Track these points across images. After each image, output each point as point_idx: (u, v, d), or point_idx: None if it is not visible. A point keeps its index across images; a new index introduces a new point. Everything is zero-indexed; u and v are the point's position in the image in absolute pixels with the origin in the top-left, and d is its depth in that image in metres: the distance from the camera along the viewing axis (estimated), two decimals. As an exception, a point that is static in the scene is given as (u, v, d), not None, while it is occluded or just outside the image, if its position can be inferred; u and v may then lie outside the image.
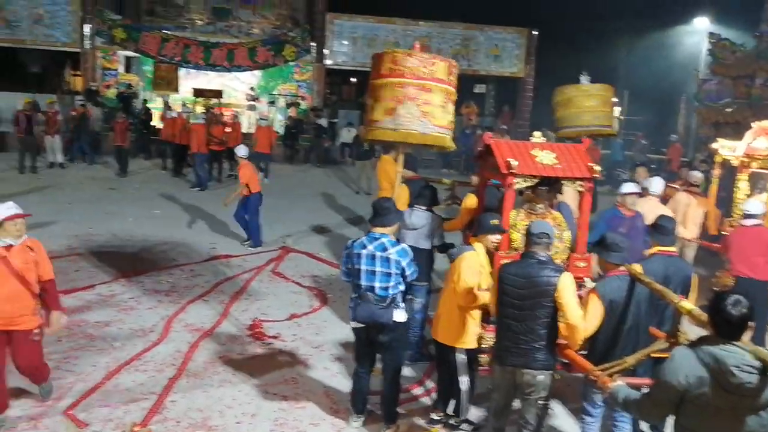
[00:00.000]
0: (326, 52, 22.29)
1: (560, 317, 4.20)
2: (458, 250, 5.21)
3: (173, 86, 21.58)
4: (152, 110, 19.38)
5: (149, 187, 15.12)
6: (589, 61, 17.94)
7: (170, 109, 18.07)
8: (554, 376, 4.36)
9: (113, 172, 16.35)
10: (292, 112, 20.60)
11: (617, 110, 19.41)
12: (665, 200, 8.28)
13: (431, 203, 6.45)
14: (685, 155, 18.55)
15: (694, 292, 4.99)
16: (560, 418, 5.51)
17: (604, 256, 4.49)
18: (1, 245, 4.70)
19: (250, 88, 22.37)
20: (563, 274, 4.20)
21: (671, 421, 3.21)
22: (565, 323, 4.20)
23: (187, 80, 21.96)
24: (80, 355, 6.15)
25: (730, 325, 2.95)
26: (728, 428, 2.99)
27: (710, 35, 19.11)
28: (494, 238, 5.03)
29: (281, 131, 19.82)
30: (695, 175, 8.96)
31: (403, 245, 5.02)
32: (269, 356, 6.46)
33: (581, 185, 5.34)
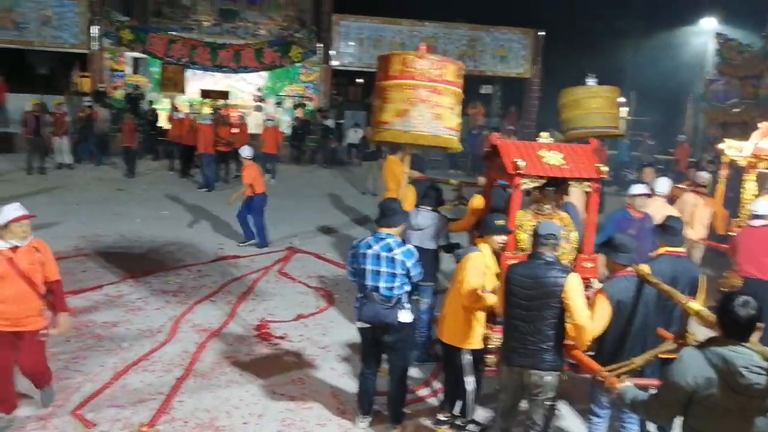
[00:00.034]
0: (333, 53, 22.29)
1: (567, 318, 4.20)
2: (464, 250, 5.22)
3: (180, 87, 21.62)
4: (159, 111, 19.43)
5: (157, 187, 15.16)
6: (595, 61, 17.95)
7: (177, 110, 18.11)
8: (562, 376, 4.36)
9: (121, 173, 16.40)
10: (298, 113, 20.63)
11: (624, 111, 19.36)
12: (672, 201, 8.26)
13: (437, 204, 6.46)
14: (692, 156, 18.48)
15: (701, 292, 4.98)
16: (567, 418, 5.50)
17: (611, 256, 4.49)
18: (7, 246, 4.70)
19: (256, 89, 22.38)
20: (570, 274, 4.20)
21: (679, 422, 3.21)
22: (572, 324, 4.19)
23: (194, 81, 22.00)
24: (88, 355, 6.18)
25: (738, 326, 2.94)
26: (737, 429, 2.98)
27: (717, 35, 19.08)
28: (500, 238, 5.02)
29: (288, 132, 19.84)
30: (702, 175, 8.91)
31: (408, 246, 5.02)
32: (276, 357, 6.48)
33: (588, 186, 5.34)
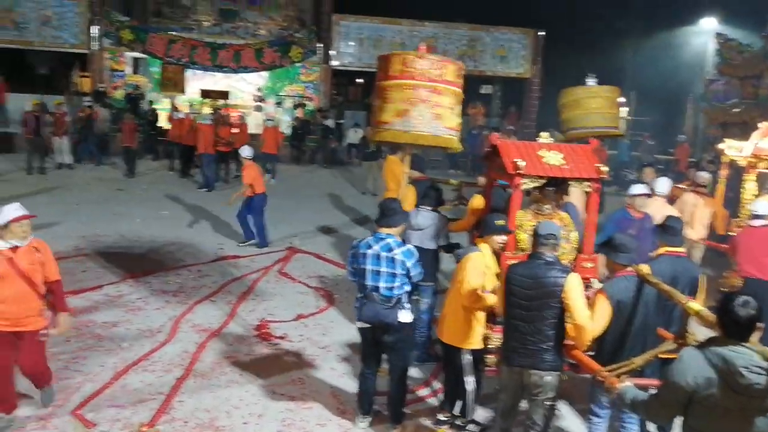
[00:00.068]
0: (333, 53, 22.29)
1: (568, 318, 4.20)
2: (464, 250, 5.23)
3: (180, 87, 21.61)
4: (159, 111, 19.44)
5: (157, 187, 15.16)
6: (595, 61, 17.94)
7: (177, 110, 18.11)
8: (562, 376, 4.36)
9: (121, 173, 16.40)
10: (298, 113, 20.63)
11: (624, 111, 19.34)
12: (672, 201, 8.26)
13: (437, 204, 6.47)
14: (692, 156, 18.48)
15: (701, 292, 4.98)
16: (567, 419, 5.50)
17: (611, 256, 4.49)
18: (7, 247, 4.69)
19: (256, 89, 22.38)
20: (570, 274, 4.20)
21: (679, 422, 3.21)
22: (572, 324, 4.19)
23: (193, 81, 22.00)
24: (88, 355, 6.18)
25: (738, 326, 2.94)
26: (737, 429, 2.98)
27: (717, 35, 19.08)
28: (500, 238, 5.02)
29: (288, 132, 19.85)
30: (702, 175, 8.91)
31: (408, 246, 5.02)
32: (276, 357, 6.48)
33: (588, 186, 5.34)
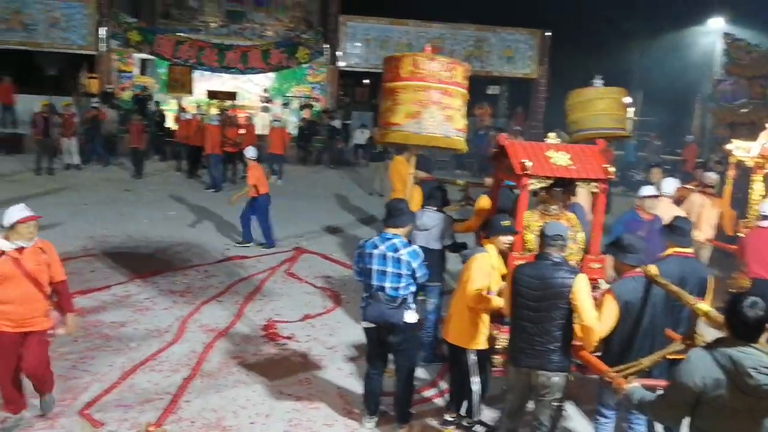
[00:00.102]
0: (339, 53, 22.29)
1: (575, 319, 4.19)
2: (470, 251, 5.22)
3: (187, 88, 21.65)
4: (166, 112, 19.49)
5: (164, 188, 15.21)
6: (602, 62, 17.85)
7: (184, 111, 18.16)
8: (569, 377, 4.35)
9: (128, 173, 16.46)
10: (305, 113, 20.63)
11: (630, 111, 19.28)
12: (680, 201, 8.23)
13: (442, 204, 6.47)
14: (700, 156, 18.40)
15: (709, 293, 4.96)
16: (574, 419, 5.49)
17: (619, 257, 4.47)
18: (12, 247, 4.69)
19: (263, 90, 22.38)
20: (578, 275, 4.19)
21: (687, 423, 3.20)
22: (579, 325, 4.18)
23: (201, 82, 22.02)
24: (96, 355, 6.21)
25: (746, 326, 2.93)
26: (745, 430, 2.98)
27: (725, 35, 18.98)
28: (506, 239, 5.02)
29: (295, 133, 19.87)
30: (710, 176, 8.88)
31: (414, 247, 5.02)
32: (283, 357, 6.49)
33: (595, 186, 5.33)
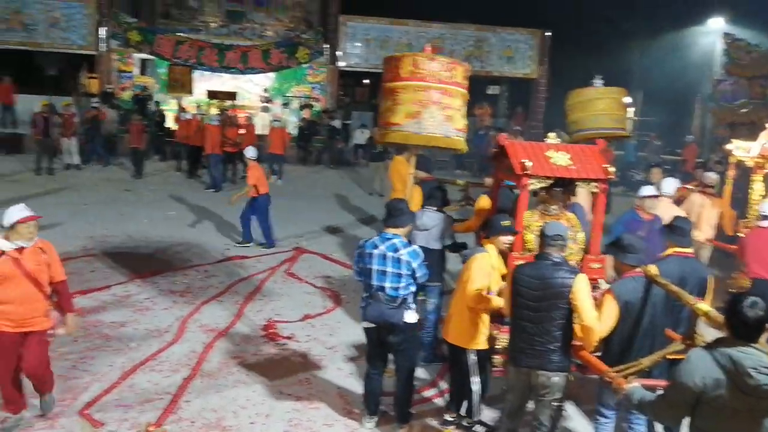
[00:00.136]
0: (339, 53, 22.30)
1: (575, 319, 4.19)
2: (470, 251, 5.22)
3: (187, 88, 21.64)
4: (166, 112, 19.49)
5: (164, 188, 15.21)
6: (602, 61, 17.84)
7: (184, 111, 18.16)
8: (569, 377, 4.35)
9: (128, 173, 16.46)
10: (305, 113, 20.63)
11: (630, 111, 19.28)
12: (680, 201, 8.22)
13: (442, 204, 6.47)
14: (700, 156, 18.40)
15: (709, 293, 4.96)
16: (574, 419, 5.49)
17: (620, 257, 4.47)
18: (12, 248, 4.68)
19: (263, 90, 22.39)
20: (578, 275, 4.19)
21: (687, 422, 3.20)
22: (580, 325, 4.18)
23: (201, 82, 22.01)
24: (96, 355, 6.21)
25: (746, 326, 2.93)
26: (745, 430, 2.98)
27: (725, 35, 18.98)
28: (506, 239, 5.02)
29: (295, 133, 19.87)
30: (710, 176, 8.88)
31: (414, 247, 5.02)
32: (283, 357, 6.49)
33: (595, 186, 5.33)
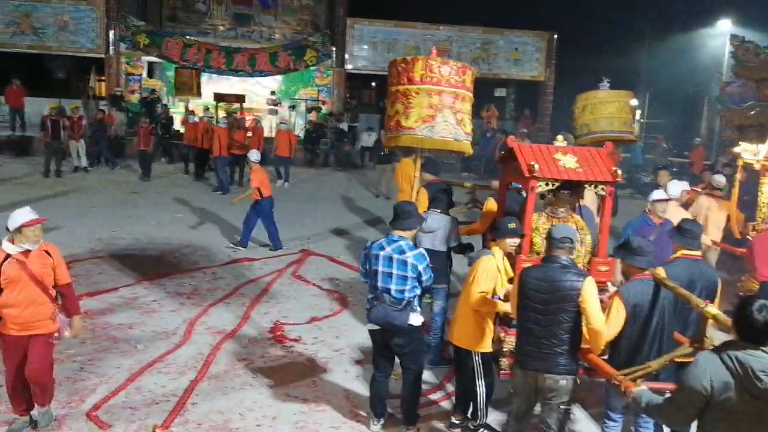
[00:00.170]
0: (347, 56, 22.35)
1: (584, 322, 4.17)
2: (477, 254, 5.21)
3: (195, 91, 21.73)
4: (174, 114, 19.56)
5: (171, 190, 15.26)
6: (609, 64, 17.81)
7: (192, 113, 18.22)
8: (576, 380, 4.33)
9: (136, 176, 16.53)
10: (312, 116, 20.68)
11: (637, 114, 19.24)
12: (688, 204, 8.19)
13: (447, 206, 6.47)
14: (708, 158, 18.33)
15: (717, 296, 4.93)
16: (582, 423, 5.46)
17: (628, 260, 4.45)
18: (18, 251, 4.68)
19: (271, 92, 22.45)
20: (587, 278, 4.17)
21: (695, 426, 3.18)
22: (587, 328, 4.17)
23: (208, 85, 22.08)
24: (103, 357, 6.22)
25: (755, 330, 2.92)
26: (753, 434, 2.95)
27: (732, 38, 18.91)
28: (512, 241, 5.02)
29: (302, 135, 19.91)
30: (718, 178, 8.86)
31: (420, 250, 5.01)
32: (290, 359, 6.49)
33: (602, 189, 5.32)
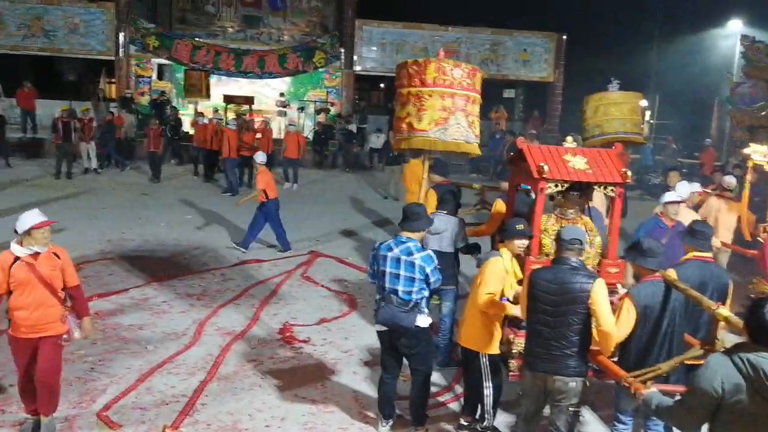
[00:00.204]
0: (355, 58, 22.38)
1: (594, 324, 4.16)
2: (485, 255, 5.21)
3: (205, 93, 21.81)
4: (183, 116, 19.63)
5: (181, 192, 15.31)
6: (619, 64, 17.77)
7: (201, 115, 18.29)
8: (585, 382, 4.31)
9: (146, 177, 16.60)
10: (321, 117, 20.70)
11: (646, 115, 19.17)
12: (699, 206, 8.15)
13: (454, 208, 6.46)
14: (718, 159, 18.24)
15: (728, 298, 4.91)
16: (591, 425, 5.44)
17: (639, 261, 4.43)
18: (27, 253, 4.70)
19: (279, 94, 22.50)
20: (597, 280, 4.15)
21: (705, 429, 3.16)
22: (597, 330, 4.15)
23: (218, 87, 22.15)
24: (114, 357, 6.25)
25: (766, 332, 2.90)
26: (765, 437, 2.93)
27: (743, 38, 18.83)
28: (520, 243, 5.01)
29: (311, 137, 19.95)
30: (728, 179, 8.81)
31: (428, 251, 5.01)
32: (299, 360, 6.50)
33: (612, 190, 5.30)
